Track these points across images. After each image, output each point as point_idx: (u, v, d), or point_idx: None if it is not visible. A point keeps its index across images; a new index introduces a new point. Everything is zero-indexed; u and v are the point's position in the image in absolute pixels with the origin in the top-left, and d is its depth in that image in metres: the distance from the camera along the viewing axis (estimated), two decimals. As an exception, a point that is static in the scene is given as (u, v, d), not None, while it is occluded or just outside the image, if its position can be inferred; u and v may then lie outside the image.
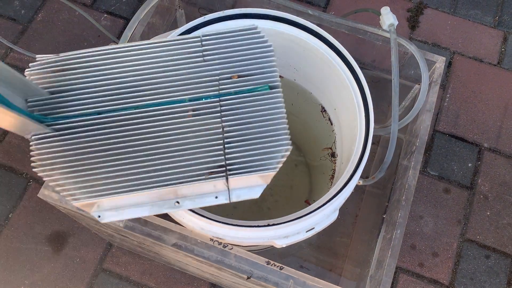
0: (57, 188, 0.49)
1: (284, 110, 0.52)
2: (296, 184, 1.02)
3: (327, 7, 1.30)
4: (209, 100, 0.53)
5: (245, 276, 0.61)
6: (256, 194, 0.52)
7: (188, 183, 0.49)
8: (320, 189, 0.87)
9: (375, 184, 0.97)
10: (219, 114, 0.52)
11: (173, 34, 0.68)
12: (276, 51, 0.76)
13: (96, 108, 0.52)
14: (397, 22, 0.78)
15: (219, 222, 0.59)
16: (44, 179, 0.49)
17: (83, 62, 0.54)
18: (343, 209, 0.66)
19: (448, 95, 1.20)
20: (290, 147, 0.51)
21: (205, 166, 0.50)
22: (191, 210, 0.60)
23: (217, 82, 0.53)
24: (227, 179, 0.50)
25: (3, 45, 1.20)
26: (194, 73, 0.54)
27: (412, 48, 0.76)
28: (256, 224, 0.59)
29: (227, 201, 0.52)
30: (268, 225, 0.60)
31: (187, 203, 0.52)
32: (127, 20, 1.26)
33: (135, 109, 0.52)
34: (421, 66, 0.75)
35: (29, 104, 0.51)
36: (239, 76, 0.53)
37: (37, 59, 0.54)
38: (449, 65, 1.24)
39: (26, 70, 0.53)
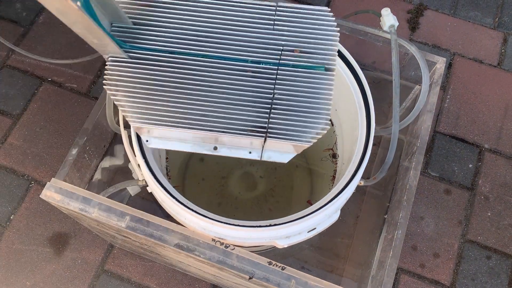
0: (119, 108, 0.56)
1: (332, 92, 0.56)
2: (297, 185, 1.03)
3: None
4: (268, 66, 0.57)
5: (247, 277, 0.61)
6: (285, 159, 0.57)
7: (231, 134, 0.55)
8: (321, 190, 0.87)
9: (376, 185, 0.97)
10: (273, 81, 0.56)
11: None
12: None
13: (170, 47, 0.57)
14: (398, 23, 0.79)
15: (221, 222, 0.59)
16: (111, 97, 0.56)
17: (169, 3, 0.58)
18: (344, 210, 0.66)
19: (448, 96, 1.20)
20: (328, 127, 0.54)
21: (250, 123, 0.55)
22: (193, 210, 0.60)
23: (279, 52, 0.57)
24: (265, 139, 0.55)
25: (4, 47, 1.21)
26: (261, 38, 0.57)
27: (412, 49, 0.77)
28: (258, 225, 0.60)
29: (258, 159, 0.57)
30: (270, 225, 0.60)
31: (224, 150, 0.58)
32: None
33: (202, 57, 0.57)
34: (422, 67, 0.75)
35: (113, 27, 0.56)
36: (301, 52, 0.57)
37: None
38: (449, 66, 1.24)
39: None
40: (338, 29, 0.58)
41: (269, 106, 0.55)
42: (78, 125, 1.13)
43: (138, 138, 0.66)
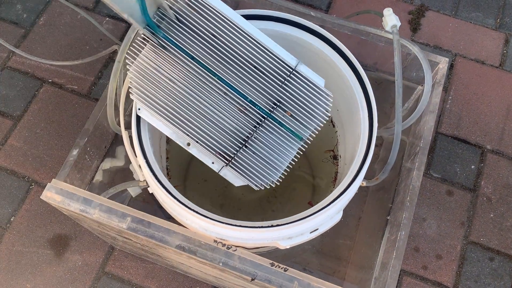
0: (129, 79, 0.64)
1: (292, 158, 0.64)
2: (299, 187, 1.02)
3: (329, 10, 1.31)
4: (260, 111, 0.63)
5: (249, 278, 0.61)
6: (236, 183, 0.64)
7: (201, 144, 0.63)
8: (323, 192, 0.87)
9: (378, 186, 0.96)
10: (257, 125, 0.64)
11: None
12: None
13: (193, 53, 0.63)
14: (400, 23, 0.78)
15: (223, 223, 0.59)
16: (127, 67, 0.64)
17: (210, 15, 0.63)
18: (346, 212, 0.65)
19: (450, 97, 1.20)
20: (273, 184, 0.64)
21: (221, 147, 0.63)
22: (195, 211, 0.59)
23: (275, 106, 0.64)
24: (226, 165, 0.63)
25: (5, 49, 1.20)
26: (267, 87, 0.64)
27: (415, 49, 0.76)
28: (260, 225, 0.59)
29: (217, 171, 0.64)
30: (272, 226, 0.60)
31: (194, 150, 0.65)
32: (129, 24, 1.26)
33: (213, 75, 0.63)
34: (424, 67, 0.75)
35: (157, 12, 0.62)
36: (291, 115, 0.64)
37: None
38: (451, 67, 1.24)
39: None
40: (330, 115, 0.65)
41: (243, 143, 0.63)
42: (78, 126, 1.13)
43: (139, 139, 0.65)
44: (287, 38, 0.74)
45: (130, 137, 0.69)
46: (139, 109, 0.64)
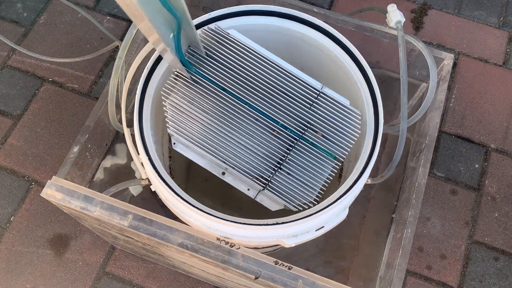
0: (165, 114, 0.65)
1: (327, 176, 0.65)
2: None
3: (331, 8, 1.30)
4: (292, 134, 0.65)
5: (253, 277, 0.60)
6: (272, 208, 0.66)
7: (237, 170, 0.64)
8: (327, 190, 0.86)
9: (382, 185, 0.95)
10: (291, 148, 0.65)
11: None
12: (281, 49, 0.75)
13: (225, 85, 0.66)
14: (404, 19, 0.78)
15: (227, 220, 0.58)
16: (163, 102, 0.66)
17: (237, 49, 0.67)
18: (349, 210, 0.64)
19: (453, 96, 1.19)
20: (314, 200, 0.64)
21: (257, 171, 0.65)
22: (198, 208, 0.58)
23: (306, 128, 0.66)
24: (263, 189, 0.65)
25: (5, 47, 1.20)
26: (297, 110, 0.66)
27: (420, 45, 0.76)
28: (265, 223, 0.58)
29: (253, 197, 0.66)
30: (277, 224, 0.59)
31: (229, 178, 0.67)
32: (130, 22, 1.25)
33: (245, 104, 0.65)
34: (429, 63, 0.74)
35: (188, 50, 0.65)
36: (322, 135, 0.66)
37: (214, 28, 0.68)
38: (454, 65, 1.23)
39: (203, 28, 0.68)
40: (360, 132, 0.66)
41: (278, 166, 0.65)
42: (79, 125, 1.12)
43: (142, 136, 0.64)
44: (291, 34, 0.73)
45: (132, 135, 0.68)
46: (174, 143, 0.66)
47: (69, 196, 0.63)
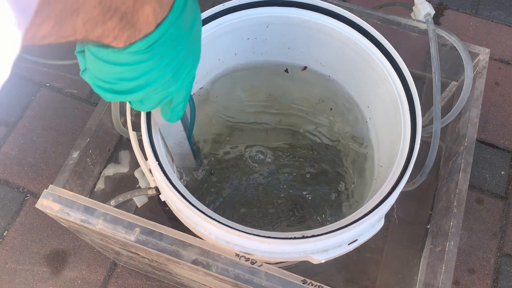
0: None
1: None
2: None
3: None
4: None
5: (278, 298, 0.52)
6: None
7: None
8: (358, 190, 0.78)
9: (408, 193, 0.88)
10: None
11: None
12: (299, 44, 0.69)
13: None
14: (434, 11, 0.71)
15: (249, 233, 0.50)
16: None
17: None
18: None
19: (475, 99, 1.13)
20: None
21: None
22: (216, 220, 0.51)
23: None
24: None
25: (0, 51, 1.13)
26: None
27: (453, 38, 0.69)
28: (292, 236, 0.51)
29: None
30: (304, 237, 0.51)
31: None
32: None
33: None
34: (464, 58, 0.68)
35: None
36: None
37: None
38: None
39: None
40: None
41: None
42: (78, 133, 1.04)
43: (150, 140, 0.57)
44: (311, 26, 0.66)
45: (140, 140, 0.61)
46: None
47: (68, 207, 0.55)
